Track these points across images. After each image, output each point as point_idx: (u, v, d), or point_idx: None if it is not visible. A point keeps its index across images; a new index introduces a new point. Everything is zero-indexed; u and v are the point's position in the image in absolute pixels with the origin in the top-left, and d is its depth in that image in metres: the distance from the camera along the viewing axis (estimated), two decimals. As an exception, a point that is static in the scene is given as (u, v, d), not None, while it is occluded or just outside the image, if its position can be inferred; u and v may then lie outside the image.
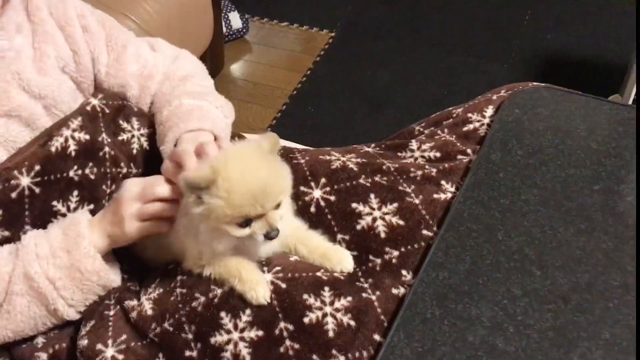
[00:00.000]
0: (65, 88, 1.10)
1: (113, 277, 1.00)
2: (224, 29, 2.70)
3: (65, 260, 0.96)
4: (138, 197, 0.98)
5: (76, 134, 1.05)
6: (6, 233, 1.00)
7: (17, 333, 0.97)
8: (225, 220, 0.85)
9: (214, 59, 2.52)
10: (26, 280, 0.94)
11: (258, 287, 0.88)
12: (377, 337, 0.86)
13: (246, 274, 0.89)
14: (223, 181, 0.83)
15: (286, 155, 1.10)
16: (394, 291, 0.90)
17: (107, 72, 1.16)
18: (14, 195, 0.99)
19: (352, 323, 0.86)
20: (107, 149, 1.08)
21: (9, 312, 0.94)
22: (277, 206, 0.87)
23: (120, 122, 1.13)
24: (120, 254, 1.05)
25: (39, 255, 0.95)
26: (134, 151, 1.14)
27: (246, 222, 0.85)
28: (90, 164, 1.06)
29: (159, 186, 0.98)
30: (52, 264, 0.95)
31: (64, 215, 1.03)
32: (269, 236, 0.86)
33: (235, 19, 2.77)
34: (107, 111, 1.11)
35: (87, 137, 1.06)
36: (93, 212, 1.06)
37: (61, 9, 1.13)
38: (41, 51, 1.09)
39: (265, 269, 0.91)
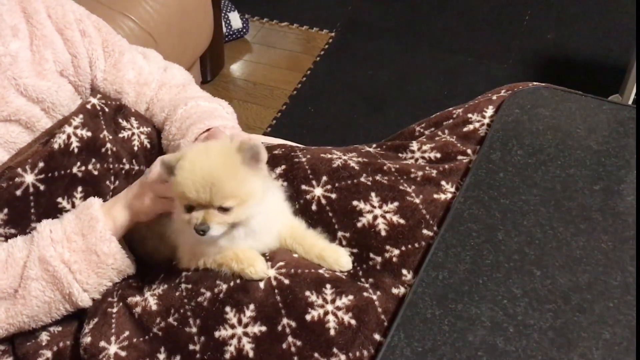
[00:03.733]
0: (64, 91, 1.10)
1: (128, 261, 1.01)
2: (224, 29, 2.70)
3: (81, 244, 0.97)
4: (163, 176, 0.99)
5: (78, 131, 1.05)
6: (13, 230, 1.01)
7: (32, 318, 0.97)
8: (177, 198, 0.90)
9: (214, 59, 2.52)
10: (41, 264, 0.95)
11: (256, 262, 0.90)
12: (377, 336, 0.86)
13: (242, 253, 0.91)
14: (181, 162, 0.89)
15: (287, 153, 1.10)
16: (394, 291, 0.91)
17: (104, 77, 1.17)
18: (18, 193, 0.99)
19: (353, 322, 0.86)
20: (109, 145, 1.08)
21: (24, 297, 0.95)
22: (225, 210, 0.88)
23: (120, 120, 1.14)
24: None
25: (53, 240, 0.96)
26: (135, 148, 1.14)
27: (190, 209, 0.89)
28: (93, 160, 1.06)
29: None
30: (67, 247, 0.96)
31: (68, 212, 1.03)
32: (197, 228, 0.87)
33: (235, 19, 2.77)
34: (107, 110, 1.12)
35: (89, 134, 1.06)
36: None
37: (60, 12, 1.13)
38: (40, 55, 1.09)
39: (268, 264, 0.92)
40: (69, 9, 1.15)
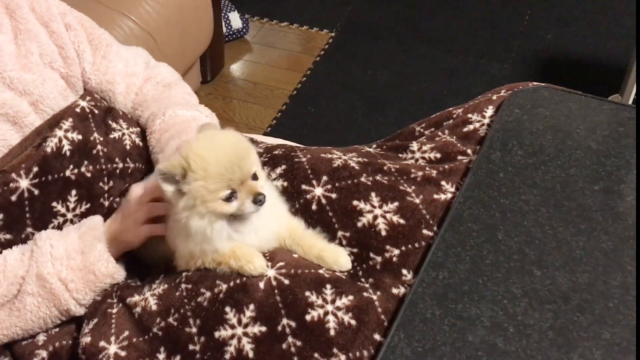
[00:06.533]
0: (50, 84, 1.10)
1: (124, 273, 1.02)
2: (224, 29, 2.70)
3: (79, 262, 0.98)
4: (138, 201, 1.01)
5: (69, 134, 1.06)
6: (8, 236, 1.01)
7: (26, 331, 0.99)
8: (211, 198, 0.87)
9: (214, 59, 2.52)
10: (38, 280, 0.96)
11: (254, 259, 0.90)
12: (377, 336, 0.86)
13: (240, 251, 0.91)
14: (196, 162, 0.86)
15: (287, 153, 1.10)
16: (394, 291, 0.90)
17: (95, 69, 1.18)
18: (14, 198, 0.99)
19: (353, 322, 0.86)
20: (99, 147, 1.09)
21: (19, 310, 0.96)
22: (255, 178, 0.90)
23: (110, 122, 1.15)
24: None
25: (53, 256, 0.97)
26: (127, 147, 1.15)
27: (231, 196, 0.87)
28: (86, 162, 1.07)
29: (137, 189, 1.03)
30: (65, 265, 0.97)
31: (63, 215, 1.04)
32: (257, 201, 0.88)
33: (235, 19, 2.77)
34: (97, 112, 1.13)
35: (80, 137, 1.07)
36: (91, 210, 1.07)
37: (44, 5, 1.14)
38: (25, 48, 1.10)
39: (268, 264, 0.92)
40: (52, 3, 1.16)
